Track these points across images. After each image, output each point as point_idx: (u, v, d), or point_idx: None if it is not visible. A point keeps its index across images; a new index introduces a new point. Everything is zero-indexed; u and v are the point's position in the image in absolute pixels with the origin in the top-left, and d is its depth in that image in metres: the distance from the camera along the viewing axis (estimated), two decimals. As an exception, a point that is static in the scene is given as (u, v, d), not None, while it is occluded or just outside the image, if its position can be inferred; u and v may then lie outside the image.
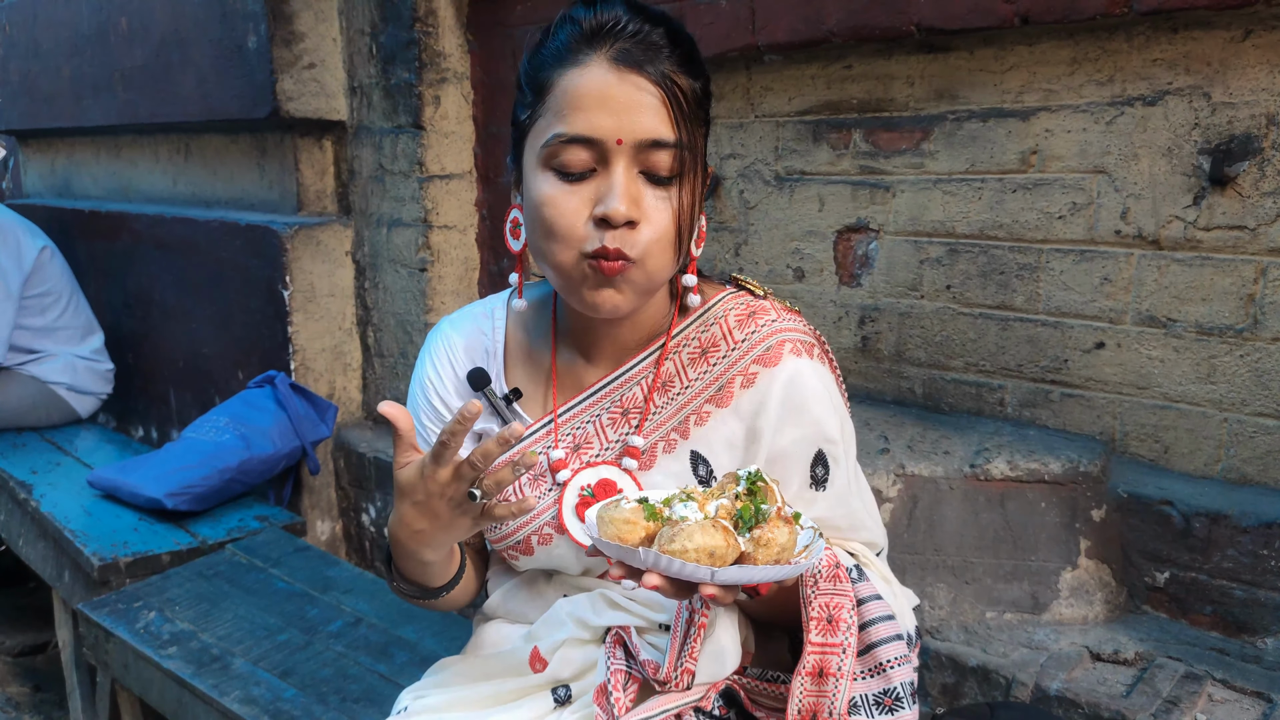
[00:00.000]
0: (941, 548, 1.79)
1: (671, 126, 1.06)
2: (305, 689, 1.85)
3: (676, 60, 1.08)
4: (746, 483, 0.96)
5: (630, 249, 1.06)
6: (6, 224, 3.54)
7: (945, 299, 2.04)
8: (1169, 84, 1.72)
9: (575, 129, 1.05)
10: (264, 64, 2.94)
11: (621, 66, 1.05)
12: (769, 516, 0.92)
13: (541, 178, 1.09)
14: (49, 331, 3.58)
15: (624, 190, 1.05)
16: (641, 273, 1.08)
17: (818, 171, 2.19)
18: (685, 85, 1.08)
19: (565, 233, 1.07)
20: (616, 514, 0.94)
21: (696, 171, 1.11)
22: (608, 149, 1.05)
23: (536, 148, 1.09)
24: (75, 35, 3.94)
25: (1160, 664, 1.62)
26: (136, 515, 2.67)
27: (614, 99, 1.05)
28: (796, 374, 1.16)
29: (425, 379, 1.30)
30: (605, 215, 1.04)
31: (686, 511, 0.92)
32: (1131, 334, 1.82)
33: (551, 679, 1.20)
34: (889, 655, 1.04)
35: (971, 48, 1.92)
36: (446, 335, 1.31)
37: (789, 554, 0.92)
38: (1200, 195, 1.71)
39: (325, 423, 2.93)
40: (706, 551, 0.89)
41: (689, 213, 1.10)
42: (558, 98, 1.07)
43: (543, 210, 1.08)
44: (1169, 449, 1.81)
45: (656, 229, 1.07)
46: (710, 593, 0.91)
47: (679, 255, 1.11)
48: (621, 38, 1.06)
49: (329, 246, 3.06)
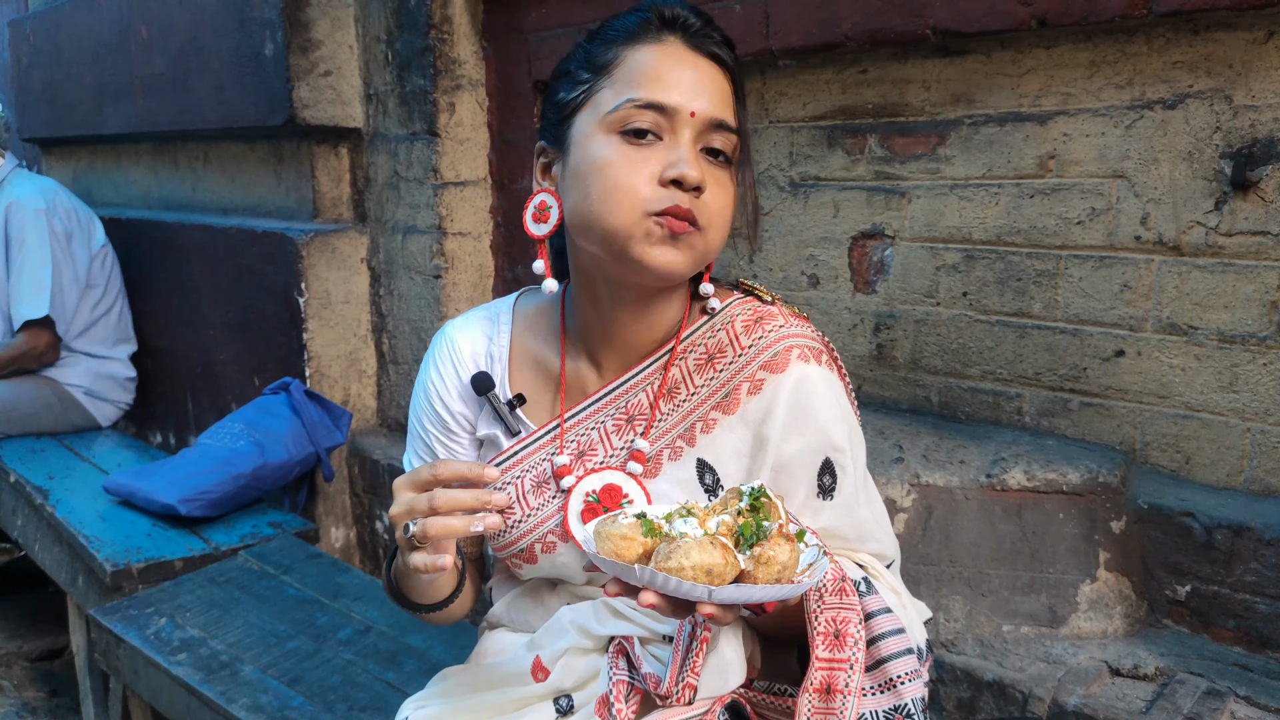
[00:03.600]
0: (957, 559, 1.76)
1: (734, 114, 1.13)
2: (313, 697, 1.84)
3: (731, 62, 1.15)
4: (750, 498, 0.94)
5: (700, 215, 1.08)
6: (81, 211, 3.68)
7: (962, 306, 2.01)
8: (1190, 87, 1.69)
9: (652, 95, 1.09)
10: (280, 71, 2.95)
11: (698, 50, 1.12)
12: (770, 534, 0.90)
13: (604, 142, 1.10)
14: (86, 326, 3.62)
15: (693, 159, 1.08)
16: (703, 242, 1.10)
17: (832, 177, 2.17)
18: (740, 82, 1.15)
19: (629, 191, 1.07)
20: (614, 529, 0.92)
21: (749, 163, 1.16)
22: (679, 118, 1.09)
23: (599, 116, 1.11)
24: (96, 44, 3.97)
25: (1181, 679, 1.58)
26: (150, 521, 2.67)
27: (688, 74, 1.10)
28: (804, 380, 1.14)
29: (428, 383, 1.29)
30: (680, 176, 1.07)
31: (686, 528, 0.90)
32: (1152, 342, 1.78)
33: (554, 689, 1.18)
34: (899, 670, 1.01)
35: (988, 51, 1.90)
36: (451, 339, 1.29)
37: (790, 572, 0.90)
38: (1222, 200, 1.67)
39: (340, 429, 2.93)
40: (704, 569, 0.86)
41: (742, 199, 1.15)
42: (629, 69, 1.11)
43: (606, 170, 1.09)
44: (1190, 459, 1.78)
45: (718, 206, 1.10)
46: (708, 612, 0.88)
47: (727, 238, 1.15)
48: (696, 28, 1.13)
49: (344, 253, 3.06)
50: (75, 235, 3.58)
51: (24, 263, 3.46)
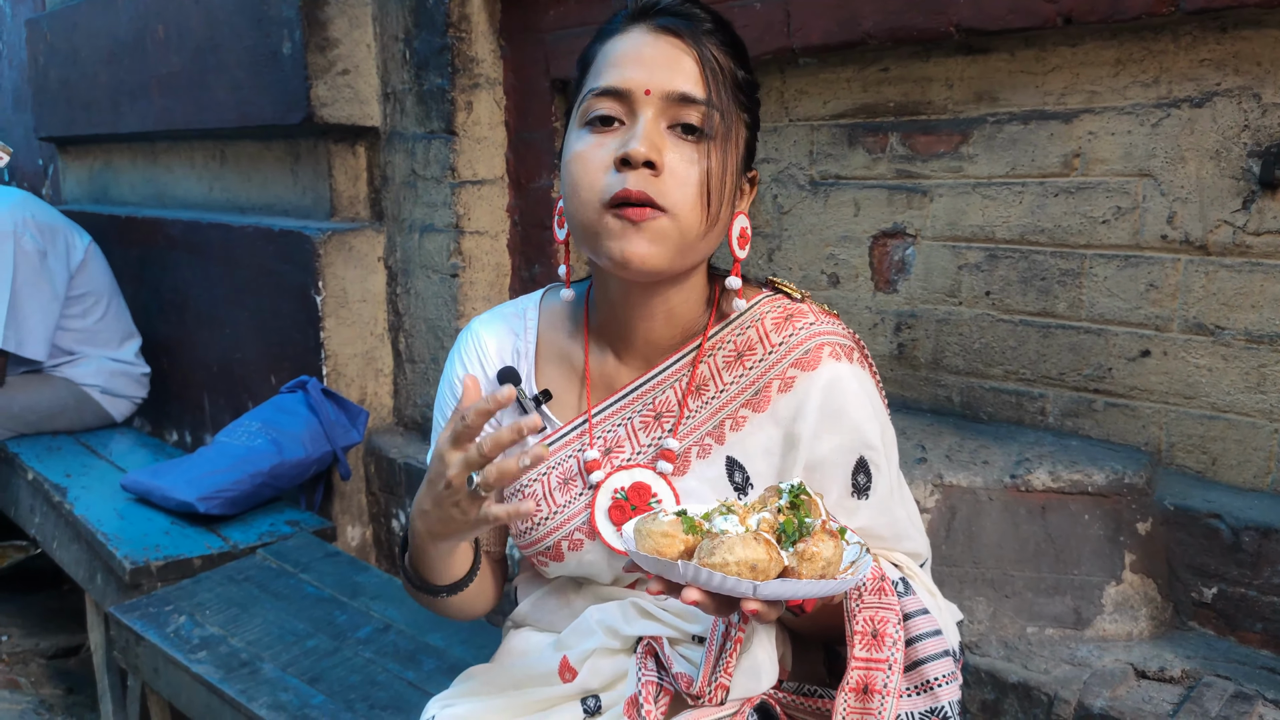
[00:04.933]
0: (980, 560, 1.75)
1: (702, 86, 1.08)
2: (333, 695, 1.84)
3: (718, 40, 1.12)
4: (790, 495, 0.93)
5: (658, 196, 1.05)
6: (58, 225, 3.60)
7: (984, 305, 2.00)
8: (1217, 85, 1.67)
9: (607, 82, 1.09)
10: (298, 70, 2.95)
11: (660, 30, 1.10)
12: (813, 530, 0.89)
13: (576, 136, 1.12)
14: (88, 334, 3.62)
15: (645, 134, 1.06)
16: (673, 225, 1.06)
17: (853, 176, 2.16)
18: (723, 60, 1.11)
19: (587, 184, 1.07)
20: (654, 527, 0.92)
21: (730, 141, 1.10)
22: (635, 99, 1.07)
23: (575, 115, 1.13)
24: (113, 43, 3.98)
25: (1208, 682, 1.57)
26: (168, 519, 2.68)
27: (647, 56, 1.08)
28: (836, 379, 1.13)
29: (454, 378, 1.29)
30: (625, 155, 1.05)
31: (727, 525, 0.89)
32: (1178, 342, 1.77)
33: (581, 689, 1.18)
34: (936, 672, 1.01)
35: (1012, 49, 1.89)
36: (477, 334, 1.29)
37: (835, 569, 0.89)
38: (1250, 199, 1.66)
39: (356, 428, 2.93)
40: (748, 565, 0.86)
41: (718, 175, 1.08)
42: (598, 64, 1.12)
43: (571, 165, 1.10)
44: (1217, 460, 1.76)
45: (683, 182, 1.06)
46: (753, 608, 0.87)
47: (709, 221, 1.09)
48: (664, 12, 1.11)
49: (361, 252, 3.06)
50: (50, 251, 3.49)
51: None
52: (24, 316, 3.39)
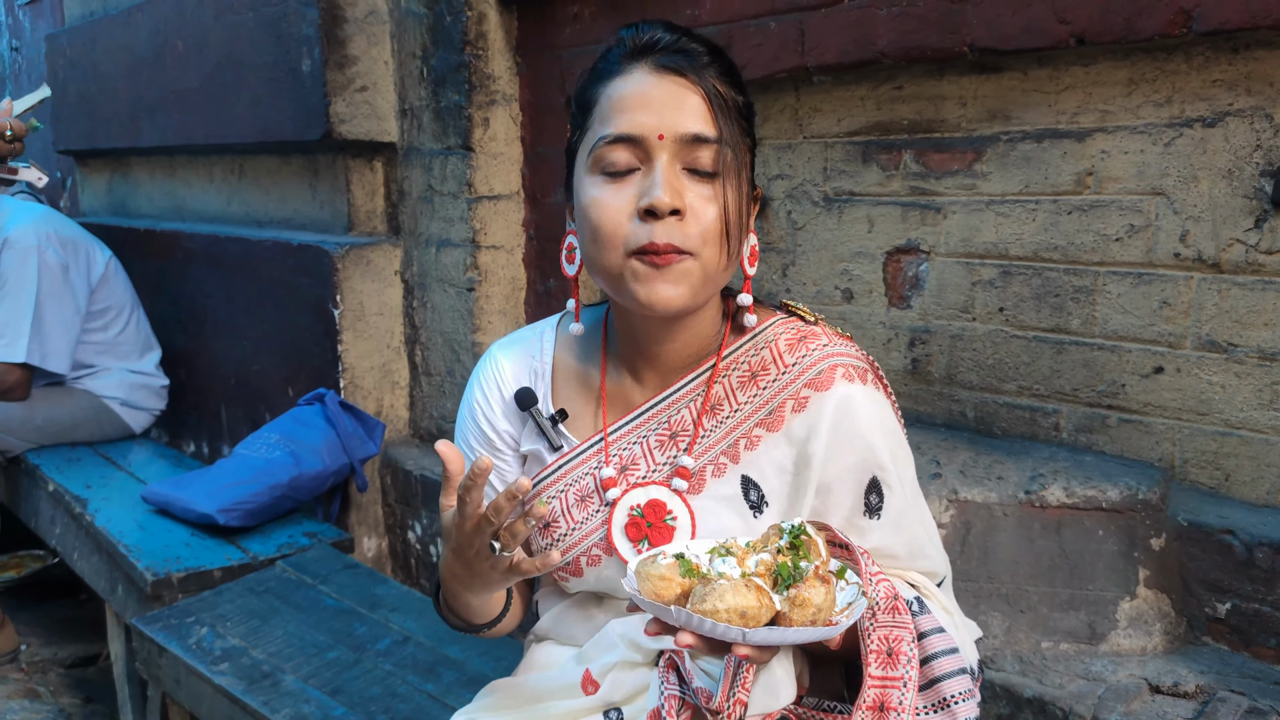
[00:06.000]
0: (995, 575, 1.77)
1: (713, 124, 1.09)
2: (354, 707, 1.86)
3: (717, 70, 1.13)
4: (790, 536, 0.95)
5: (684, 241, 1.07)
6: (80, 240, 3.64)
7: (998, 321, 2.02)
8: (1229, 105, 1.69)
9: (619, 129, 1.09)
10: (318, 87, 2.99)
11: (662, 70, 1.10)
12: (807, 575, 0.91)
13: (589, 182, 1.12)
14: (109, 347, 3.66)
15: (666, 181, 1.07)
16: (697, 264, 1.09)
17: (867, 192, 2.18)
18: (725, 91, 1.12)
19: (610, 232, 1.09)
20: (653, 570, 0.95)
21: (741, 172, 1.12)
22: (649, 145, 1.08)
23: (584, 159, 1.13)
24: (133, 58, 4.03)
25: (1222, 697, 1.58)
26: (188, 530, 2.71)
27: (655, 98, 1.09)
28: (848, 399, 1.15)
29: (473, 403, 1.32)
30: (650, 205, 1.06)
31: (725, 567, 0.92)
32: (1191, 359, 1.78)
33: (604, 702, 1.20)
34: (953, 690, 1.02)
35: (1025, 68, 1.91)
36: (495, 359, 1.32)
37: (826, 614, 0.91)
38: (1262, 218, 1.68)
39: (373, 440, 2.96)
40: (738, 612, 0.88)
41: (735, 210, 1.10)
42: (603, 107, 1.12)
43: (590, 213, 1.11)
44: (1230, 477, 1.77)
45: (704, 223, 1.08)
46: (743, 653, 0.90)
47: (729, 255, 1.12)
48: (662, 49, 1.12)
49: (378, 266, 3.09)
50: (71, 266, 3.53)
51: (4, 304, 3.42)
52: (47, 330, 3.43)
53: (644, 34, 1.13)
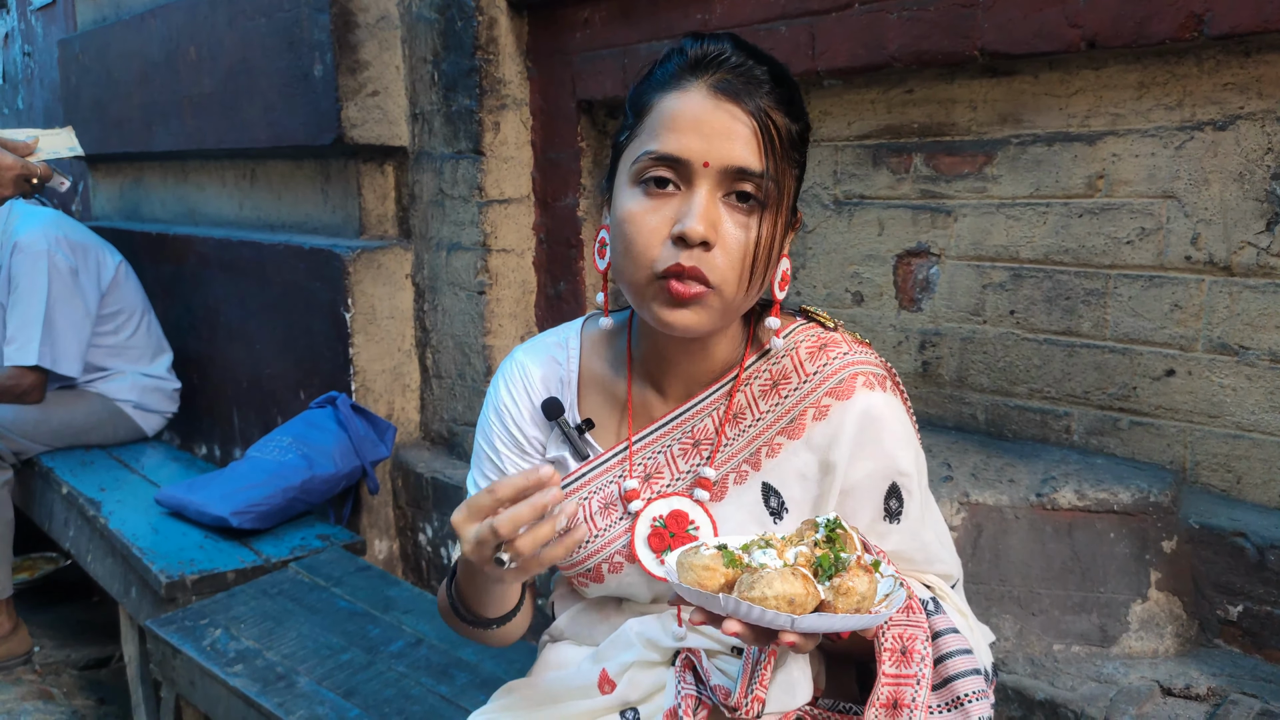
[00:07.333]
0: (1007, 578, 1.77)
1: (760, 158, 1.08)
2: (368, 709, 1.87)
3: (775, 98, 1.10)
4: (825, 530, 0.96)
5: (709, 272, 1.07)
6: (90, 244, 3.66)
7: (1009, 324, 2.02)
8: (1240, 108, 1.70)
9: (666, 148, 1.08)
10: (329, 92, 3.00)
11: (719, 94, 1.08)
12: (849, 565, 0.93)
13: (629, 193, 1.12)
14: (120, 350, 3.68)
15: (703, 212, 1.06)
16: (718, 298, 1.09)
17: (877, 196, 2.19)
18: (781, 122, 1.10)
19: (641, 250, 1.09)
20: (696, 560, 0.95)
21: (781, 208, 1.12)
22: (693, 170, 1.07)
23: (628, 165, 1.13)
24: (145, 64, 4.06)
25: (1234, 700, 1.58)
26: (202, 533, 2.72)
27: (707, 124, 1.07)
28: (870, 407, 1.16)
29: (501, 405, 1.32)
30: (682, 233, 1.06)
31: (766, 559, 0.93)
32: (1203, 361, 1.79)
33: (620, 701, 1.20)
34: (966, 689, 1.03)
35: (1036, 71, 1.91)
36: (522, 364, 1.32)
37: (869, 603, 0.92)
38: (1273, 221, 1.68)
39: (385, 443, 2.97)
40: (786, 599, 0.89)
41: (767, 245, 1.10)
42: (654, 119, 1.11)
43: (624, 226, 1.11)
44: (1242, 479, 1.78)
45: (732, 255, 1.08)
46: (790, 640, 0.91)
47: (755, 285, 1.12)
48: (724, 69, 1.09)
49: (390, 269, 3.11)
50: (81, 269, 3.55)
51: (16, 308, 3.44)
52: (58, 334, 3.45)
53: (709, 48, 1.10)
